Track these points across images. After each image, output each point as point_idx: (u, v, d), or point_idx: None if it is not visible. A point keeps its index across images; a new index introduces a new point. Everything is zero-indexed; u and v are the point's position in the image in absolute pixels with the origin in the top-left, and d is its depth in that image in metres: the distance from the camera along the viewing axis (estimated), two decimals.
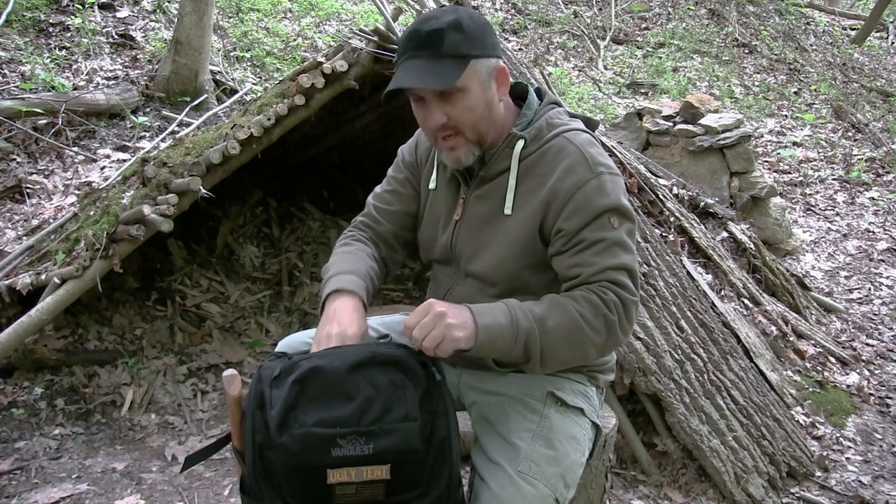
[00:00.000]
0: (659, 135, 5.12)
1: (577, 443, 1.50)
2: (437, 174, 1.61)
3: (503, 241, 1.47)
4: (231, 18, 6.23)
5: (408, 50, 1.39)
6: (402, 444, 1.21)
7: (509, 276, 1.48)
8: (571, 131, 1.47)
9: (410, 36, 1.39)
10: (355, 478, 1.19)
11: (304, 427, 1.20)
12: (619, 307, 1.37)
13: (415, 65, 1.37)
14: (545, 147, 1.46)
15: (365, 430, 1.20)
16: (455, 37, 1.36)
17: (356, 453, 1.19)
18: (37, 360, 3.14)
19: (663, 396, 2.74)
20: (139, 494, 2.58)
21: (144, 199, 2.92)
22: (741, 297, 3.69)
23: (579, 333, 1.35)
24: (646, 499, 2.71)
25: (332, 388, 1.24)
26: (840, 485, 2.87)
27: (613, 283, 1.38)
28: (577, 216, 1.39)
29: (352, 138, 4.57)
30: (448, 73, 1.35)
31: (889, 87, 8.91)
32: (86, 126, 4.52)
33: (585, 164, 1.41)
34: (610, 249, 1.39)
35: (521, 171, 1.46)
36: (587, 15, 9.34)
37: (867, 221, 5.70)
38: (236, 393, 1.28)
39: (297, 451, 1.19)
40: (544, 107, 1.52)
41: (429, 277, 1.78)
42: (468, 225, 1.53)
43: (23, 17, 5.09)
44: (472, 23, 1.39)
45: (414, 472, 1.25)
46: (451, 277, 1.60)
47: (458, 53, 1.36)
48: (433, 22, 1.37)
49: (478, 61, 1.38)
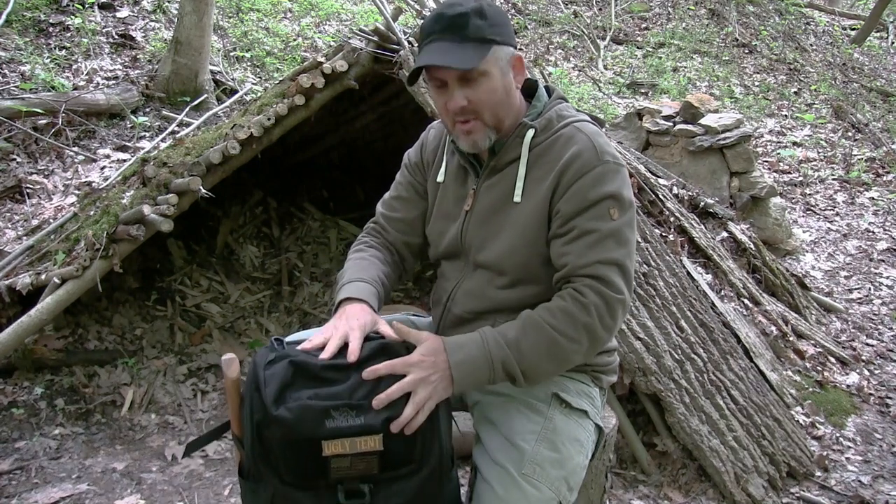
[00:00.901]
0: (659, 135, 5.12)
1: (581, 445, 1.50)
2: (445, 168, 1.62)
3: (513, 229, 1.48)
4: (231, 18, 6.23)
5: (433, 32, 1.43)
6: (392, 413, 1.26)
7: (518, 265, 1.49)
8: (581, 122, 1.50)
9: (436, 19, 1.43)
10: (349, 449, 1.23)
11: (298, 401, 1.24)
12: (601, 308, 1.37)
13: (440, 46, 1.40)
14: (555, 136, 1.48)
15: (357, 403, 1.25)
16: (478, 22, 1.40)
17: (349, 424, 1.23)
18: (37, 360, 3.14)
19: (663, 396, 2.74)
20: (139, 494, 2.58)
21: (144, 199, 2.92)
22: (741, 297, 3.69)
23: (556, 348, 1.37)
24: (646, 499, 2.71)
25: (325, 370, 1.30)
26: (840, 485, 2.87)
27: (598, 280, 1.37)
28: (575, 199, 1.41)
29: (352, 138, 4.57)
30: (472, 55, 1.39)
31: (889, 87, 8.91)
32: (86, 126, 4.52)
33: (593, 150, 1.43)
34: (603, 242, 1.39)
35: (531, 159, 1.48)
36: (587, 15, 9.34)
37: (867, 221, 5.70)
38: (235, 375, 1.30)
39: (292, 424, 1.22)
40: (553, 100, 1.55)
41: (429, 278, 1.79)
42: (478, 215, 1.53)
43: (23, 17, 5.09)
44: (494, 10, 1.43)
45: (406, 446, 1.28)
46: (459, 271, 1.60)
47: (481, 37, 1.40)
48: (458, 7, 1.41)
49: (499, 48, 1.42)
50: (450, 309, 1.60)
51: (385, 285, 1.62)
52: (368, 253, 1.68)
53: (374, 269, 1.62)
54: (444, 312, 1.61)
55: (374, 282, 1.57)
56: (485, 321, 1.52)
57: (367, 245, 1.71)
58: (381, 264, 1.66)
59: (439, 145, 1.66)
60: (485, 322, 1.52)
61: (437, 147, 1.67)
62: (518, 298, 1.50)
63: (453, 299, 1.59)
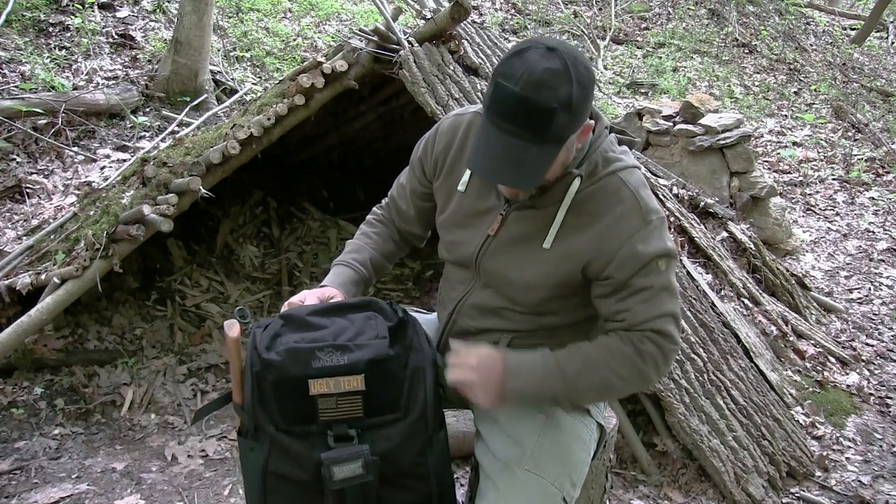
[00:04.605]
0: (659, 135, 5.12)
1: (584, 442, 1.50)
2: (469, 178, 1.50)
3: (538, 271, 1.42)
4: (231, 18, 6.23)
5: (508, 121, 1.23)
6: (373, 353, 1.33)
7: (536, 302, 1.46)
8: (626, 169, 1.41)
9: (519, 107, 1.21)
10: (333, 388, 1.31)
11: (286, 344, 1.34)
12: (658, 358, 1.38)
13: (508, 144, 1.24)
14: (598, 185, 1.39)
15: (341, 344, 1.33)
16: (563, 119, 1.22)
17: (333, 363, 1.31)
18: (37, 360, 3.14)
19: (663, 396, 2.74)
20: (139, 494, 2.58)
21: (144, 199, 2.92)
22: (741, 297, 3.69)
23: (609, 387, 1.40)
24: (646, 499, 2.71)
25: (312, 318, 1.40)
26: (840, 485, 2.87)
27: (657, 333, 1.37)
28: (628, 265, 1.36)
29: (352, 138, 4.57)
30: (542, 162, 1.27)
31: (889, 87, 8.91)
32: (86, 126, 4.52)
33: (638, 211, 1.37)
34: (658, 296, 1.37)
35: (570, 205, 1.39)
36: (587, 15, 9.34)
37: (867, 221, 5.70)
38: (235, 334, 1.37)
39: (280, 364, 1.31)
40: (598, 137, 1.42)
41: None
42: (502, 243, 1.45)
43: (23, 17, 5.08)
44: (582, 94, 1.23)
45: (389, 390, 1.36)
46: (467, 283, 1.55)
47: (560, 138, 1.26)
48: (546, 95, 1.19)
49: (574, 134, 1.29)
50: (455, 321, 1.57)
51: (377, 263, 1.69)
52: (374, 229, 1.74)
53: (366, 251, 1.68)
54: (449, 322, 1.59)
55: (359, 265, 1.64)
56: (491, 336, 1.52)
57: (377, 220, 1.76)
58: (382, 241, 1.71)
59: (453, 143, 1.53)
60: (491, 337, 1.52)
61: (449, 144, 1.53)
62: (529, 321, 1.49)
63: (459, 311, 1.56)
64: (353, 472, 1.31)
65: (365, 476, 1.31)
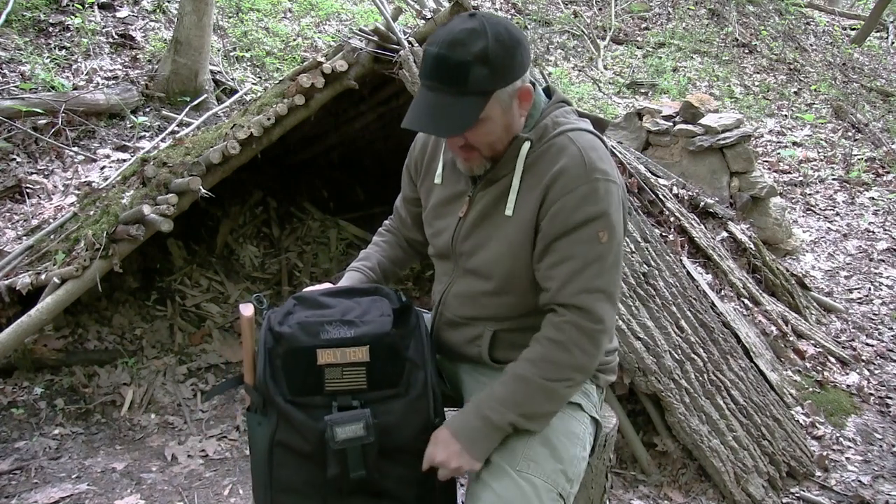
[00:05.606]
0: (659, 135, 5.12)
1: (577, 437, 1.50)
2: (442, 170, 1.59)
3: (502, 240, 1.46)
4: (231, 18, 6.23)
5: (431, 78, 1.34)
6: (378, 328, 1.41)
7: (503, 274, 1.48)
8: (576, 131, 1.43)
9: (435, 63, 1.32)
10: (340, 359, 1.38)
11: (298, 319, 1.42)
12: (581, 342, 1.38)
13: (434, 100, 1.34)
14: (547, 145, 1.42)
15: (348, 320, 1.42)
16: (480, 72, 1.30)
17: (340, 336, 1.39)
18: (37, 360, 3.14)
19: (663, 396, 2.74)
20: (139, 494, 2.58)
21: (144, 199, 2.92)
22: (741, 297, 3.69)
23: (549, 392, 1.40)
24: (646, 499, 2.71)
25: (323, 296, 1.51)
26: (840, 485, 2.87)
27: (580, 311, 1.37)
28: (559, 220, 1.37)
29: (352, 138, 4.57)
30: (467, 113, 1.33)
31: (889, 87, 8.91)
32: (86, 126, 4.52)
33: (581, 167, 1.36)
34: (588, 269, 1.36)
35: (525, 170, 1.44)
36: (587, 15, 9.34)
37: (867, 221, 5.70)
38: (250, 313, 1.45)
39: (290, 335, 1.39)
40: (551, 105, 1.48)
41: (428, 278, 1.82)
42: (470, 223, 1.52)
43: (23, 17, 5.08)
44: (501, 49, 1.31)
45: (391, 366, 1.41)
46: (449, 274, 1.62)
47: (481, 90, 1.32)
48: (460, 51, 1.29)
49: (502, 90, 1.34)
50: (442, 312, 1.62)
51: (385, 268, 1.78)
52: (384, 238, 1.84)
53: (374, 257, 1.77)
54: (437, 314, 1.64)
55: (368, 269, 1.73)
56: (475, 327, 1.56)
57: (385, 230, 1.87)
58: (390, 248, 1.81)
59: (428, 144, 1.64)
60: (475, 328, 1.56)
61: (424, 146, 1.65)
62: (506, 306, 1.52)
63: (444, 302, 1.61)
64: (354, 433, 1.35)
65: (366, 437, 1.36)
